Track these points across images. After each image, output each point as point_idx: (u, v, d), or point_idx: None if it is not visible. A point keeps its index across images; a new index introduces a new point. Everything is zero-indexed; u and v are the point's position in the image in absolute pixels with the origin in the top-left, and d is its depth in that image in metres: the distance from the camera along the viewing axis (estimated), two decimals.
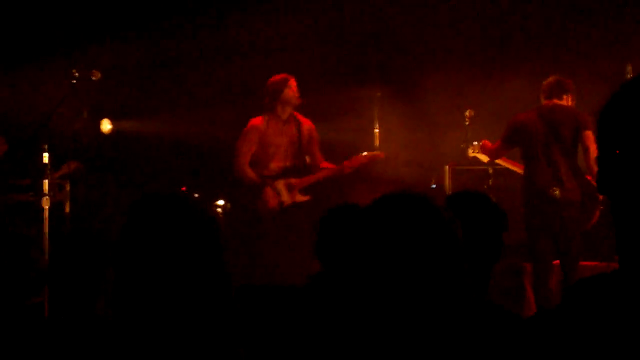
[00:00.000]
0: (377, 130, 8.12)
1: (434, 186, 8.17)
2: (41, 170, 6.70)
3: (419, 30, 8.95)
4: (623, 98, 1.61)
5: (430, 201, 2.00)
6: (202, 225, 2.14)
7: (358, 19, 9.09)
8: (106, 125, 8.35)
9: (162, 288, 2.10)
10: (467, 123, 7.70)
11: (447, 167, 7.95)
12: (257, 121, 7.61)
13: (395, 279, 1.91)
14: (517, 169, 7.52)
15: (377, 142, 8.06)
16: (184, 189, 7.81)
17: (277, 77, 7.60)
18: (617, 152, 1.58)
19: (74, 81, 6.95)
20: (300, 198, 7.51)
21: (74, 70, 6.97)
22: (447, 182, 7.93)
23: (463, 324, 1.92)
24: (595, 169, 1.64)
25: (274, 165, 7.59)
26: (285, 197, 7.50)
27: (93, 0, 8.88)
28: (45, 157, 6.70)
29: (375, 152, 7.79)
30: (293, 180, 7.58)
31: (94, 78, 7.04)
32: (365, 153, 7.70)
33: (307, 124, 7.70)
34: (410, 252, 1.93)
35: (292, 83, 7.55)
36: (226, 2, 9.02)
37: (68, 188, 7.27)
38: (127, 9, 8.90)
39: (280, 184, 7.54)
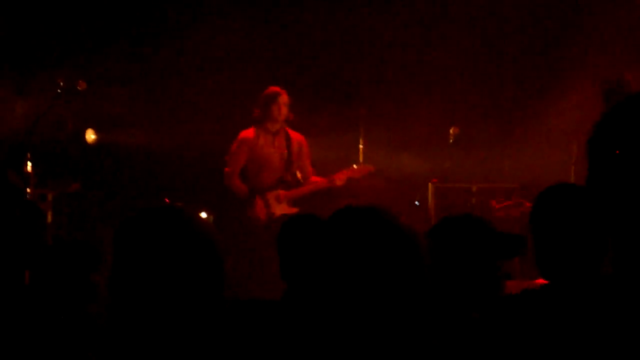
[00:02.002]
0: (361, 147, 8.14)
1: (417, 203, 8.19)
2: (24, 179, 6.67)
3: (405, 47, 8.98)
4: (620, 115, 1.63)
5: (385, 214, 1.99)
6: (201, 239, 2.14)
7: (343, 36, 9.10)
8: (90, 135, 8.33)
9: (154, 302, 2.09)
10: (451, 141, 7.72)
11: (430, 184, 7.96)
12: (248, 133, 7.64)
13: (350, 294, 1.91)
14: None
15: (361, 159, 8.08)
16: (166, 200, 7.79)
17: (269, 90, 7.62)
18: (618, 161, 1.60)
19: (59, 91, 6.93)
20: (289, 210, 7.51)
21: (59, 80, 6.96)
22: (430, 199, 7.95)
23: (427, 337, 1.92)
24: None
25: (264, 178, 7.61)
26: (274, 209, 7.51)
27: (79, 11, 8.85)
28: (29, 165, 6.67)
29: (365, 166, 7.81)
30: (282, 192, 7.60)
31: (79, 88, 7.03)
32: (355, 166, 7.73)
33: (297, 137, 7.73)
34: (362, 267, 1.92)
35: (282, 99, 7.56)
36: (214, 14, 9.03)
37: (50, 198, 7.25)
38: (114, 20, 8.89)
39: (270, 196, 7.56)
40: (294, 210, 7.54)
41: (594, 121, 1.67)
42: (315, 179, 7.75)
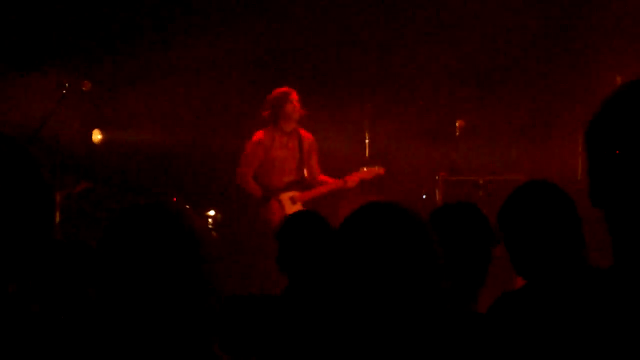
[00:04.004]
0: (367, 141, 8.13)
1: (424, 197, 8.18)
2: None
3: (410, 41, 8.96)
4: (615, 107, 1.62)
5: (410, 213, 1.98)
6: (179, 236, 2.13)
7: (349, 30, 9.09)
8: (97, 136, 8.34)
9: (138, 299, 2.09)
10: (457, 134, 7.71)
11: (437, 177, 7.94)
12: (262, 135, 7.60)
13: (367, 292, 1.89)
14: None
15: (367, 153, 8.07)
16: (174, 199, 7.80)
17: (278, 91, 7.58)
18: (615, 154, 1.59)
19: (65, 91, 6.94)
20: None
21: (64, 81, 6.96)
22: (438, 193, 7.93)
23: (439, 336, 1.91)
24: None
25: (278, 179, 7.58)
26: (289, 210, 7.48)
27: (84, 11, 8.86)
28: None
29: (375, 168, 7.78)
30: (297, 194, 7.59)
31: (84, 89, 7.04)
32: (365, 169, 7.71)
33: (308, 138, 7.72)
34: (384, 265, 1.90)
35: (293, 97, 7.55)
36: (221, 14, 9.03)
37: (58, 198, 7.25)
38: (119, 20, 8.90)
39: (284, 197, 7.55)
40: None
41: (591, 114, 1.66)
42: (323, 178, 7.73)
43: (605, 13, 8.40)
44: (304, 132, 7.71)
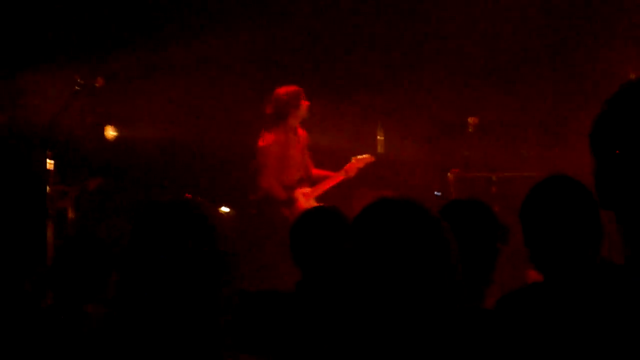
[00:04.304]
0: (380, 138, 8.12)
1: (437, 193, 8.16)
2: (45, 177, 6.70)
3: (424, 35, 8.95)
4: (617, 107, 1.61)
5: (427, 210, 1.96)
6: (202, 232, 2.14)
7: (360, 24, 9.08)
8: (110, 132, 8.36)
9: (162, 294, 2.10)
10: (470, 130, 7.69)
11: (450, 174, 7.93)
12: (275, 136, 7.55)
13: (380, 289, 1.88)
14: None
15: (380, 150, 8.06)
16: (188, 195, 7.80)
17: (290, 89, 7.55)
18: (618, 154, 1.58)
19: (78, 88, 6.95)
20: (316, 205, 7.52)
21: (77, 77, 6.97)
22: (451, 189, 7.92)
23: (452, 334, 1.90)
24: None
25: (291, 177, 7.59)
26: (306, 206, 7.50)
27: (97, 7, 8.88)
28: (50, 163, 6.70)
29: (365, 156, 7.81)
30: (308, 190, 7.61)
31: (97, 85, 7.05)
32: (355, 158, 7.73)
33: (303, 133, 7.73)
34: (400, 260, 1.89)
35: (304, 96, 7.55)
36: (232, 10, 9.03)
37: (71, 194, 7.28)
38: (132, 16, 8.91)
39: (299, 194, 7.56)
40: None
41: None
42: (317, 172, 7.75)
43: (620, 8, 8.36)
44: (300, 129, 7.72)
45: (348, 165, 7.71)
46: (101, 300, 3.45)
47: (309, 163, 7.77)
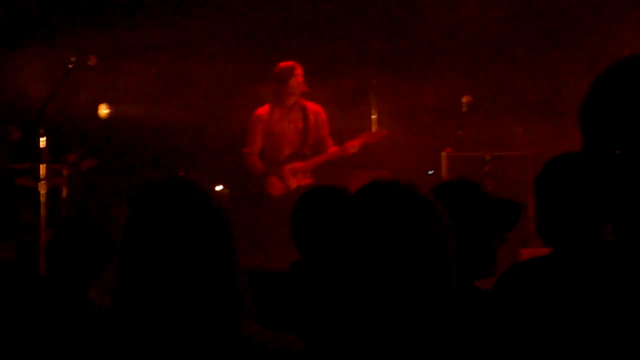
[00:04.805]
0: (374, 117, 8.12)
1: (430, 172, 8.17)
2: (38, 155, 6.69)
3: (416, 16, 8.92)
4: (607, 84, 1.61)
5: (419, 192, 1.95)
6: (211, 211, 2.13)
7: (353, 5, 9.05)
8: (103, 110, 8.34)
9: (168, 276, 2.08)
10: (464, 110, 7.69)
11: (443, 153, 7.93)
12: (261, 110, 7.65)
13: (375, 272, 1.87)
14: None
15: (374, 129, 8.07)
16: (181, 174, 7.79)
17: (283, 65, 7.59)
18: (611, 135, 1.58)
19: (71, 66, 6.93)
20: (304, 181, 7.53)
21: (70, 56, 6.95)
22: (444, 168, 7.93)
23: (448, 316, 1.90)
24: None
25: (281, 152, 7.62)
26: (290, 182, 7.53)
27: None
28: (43, 141, 6.69)
29: (378, 131, 7.82)
30: (298, 164, 7.62)
31: (90, 63, 7.02)
32: (365, 133, 7.74)
33: (313, 108, 7.72)
34: (391, 244, 1.87)
35: (298, 71, 7.56)
36: None
37: (65, 173, 7.27)
38: None
39: (286, 169, 7.58)
40: (308, 181, 7.55)
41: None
42: (333, 149, 7.74)
43: None
44: (309, 104, 7.71)
45: (351, 141, 7.65)
46: (101, 284, 3.44)
47: (326, 140, 7.73)
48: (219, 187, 7.73)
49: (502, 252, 3.05)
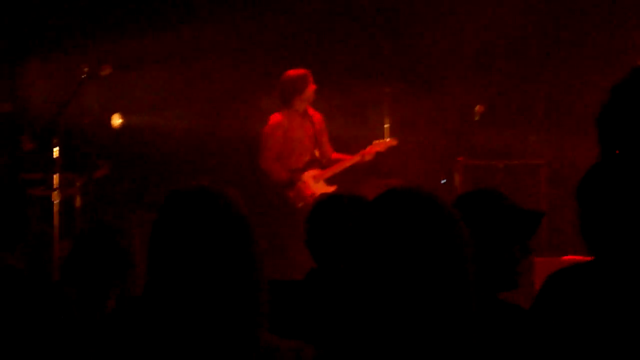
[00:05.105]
0: (387, 126, 8.12)
1: (444, 181, 8.16)
2: (52, 165, 6.71)
3: (429, 24, 8.92)
4: (624, 92, 1.61)
5: (436, 199, 1.93)
6: (235, 220, 2.12)
7: (368, 13, 9.07)
8: (116, 120, 8.37)
9: (193, 285, 2.08)
10: (477, 118, 7.68)
11: (457, 162, 7.93)
12: (279, 117, 7.59)
13: (391, 280, 1.85)
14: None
15: (387, 137, 8.07)
16: (194, 183, 7.80)
17: (296, 73, 7.56)
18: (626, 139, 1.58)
19: (84, 76, 6.96)
20: (328, 189, 7.51)
21: (84, 65, 6.97)
22: (457, 177, 7.92)
23: (466, 325, 1.87)
24: None
25: (297, 159, 7.61)
26: (314, 189, 7.51)
27: None
28: (56, 151, 6.71)
29: (388, 140, 7.82)
30: (318, 172, 7.62)
31: (103, 73, 7.05)
32: (377, 141, 7.74)
33: (317, 116, 7.73)
34: (409, 253, 1.85)
35: (311, 79, 7.56)
36: None
37: (79, 183, 7.29)
38: (140, 3, 8.91)
39: (307, 177, 7.57)
40: (332, 188, 7.53)
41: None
42: (337, 155, 7.75)
43: None
44: (312, 112, 7.72)
45: (368, 148, 7.68)
46: (121, 295, 3.43)
47: (327, 147, 7.76)
48: None
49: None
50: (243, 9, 8.95)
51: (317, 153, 7.71)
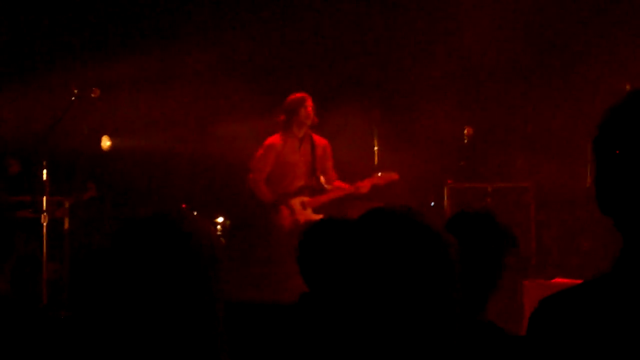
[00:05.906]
0: (376, 149, 8.13)
1: (432, 204, 8.17)
2: (40, 187, 6.70)
3: (418, 49, 8.97)
4: (623, 114, 1.62)
5: (420, 218, 1.93)
6: (184, 248, 2.11)
7: (357, 38, 9.11)
8: (105, 142, 8.36)
9: (142, 316, 2.07)
10: (465, 141, 7.70)
11: (445, 185, 7.94)
12: (274, 139, 7.61)
13: (379, 301, 1.85)
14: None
15: (376, 161, 8.07)
16: (183, 206, 7.81)
17: (294, 96, 7.60)
18: (621, 160, 1.58)
19: (74, 98, 6.96)
20: (313, 217, 7.48)
21: (73, 88, 6.98)
22: (446, 200, 7.93)
23: (454, 347, 1.87)
24: None
25: (288, 184, 7.59)
26: (299, 216, 7.48)
27: (93, 18, 8.90)
28: (44, 173, 6.70)
29: (390, 174, 7.78)
30: (307, 199, 7.59)
31: (93, 95, 7.06)
32: (379, 174, 7.71)
33: (321, 142, 7.73)
34: (395, 273, 1.85)
35: (309, 102, 7.57)
36: (229, 19, 9.05)
37: (67, 205, 7.28)
38: (129, 26, 8.93)
39: (294, 203, 7.55)
40: (318, 217, 7.50)
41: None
42: (338, 184, 7.72)
43: (616, 20, 8.40)
44: (317, 137, 7.72)
45: (362, 181, 7.65)
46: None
47: (331, 174, 7.75)
48: (220, 219, 7.72)
49: (504, 289, 3.02)
50: (231, 33, 8.98)
51: (314, 180, 7.69)
